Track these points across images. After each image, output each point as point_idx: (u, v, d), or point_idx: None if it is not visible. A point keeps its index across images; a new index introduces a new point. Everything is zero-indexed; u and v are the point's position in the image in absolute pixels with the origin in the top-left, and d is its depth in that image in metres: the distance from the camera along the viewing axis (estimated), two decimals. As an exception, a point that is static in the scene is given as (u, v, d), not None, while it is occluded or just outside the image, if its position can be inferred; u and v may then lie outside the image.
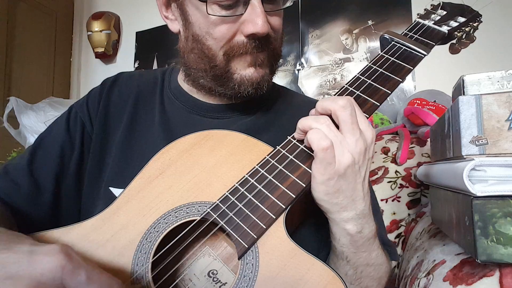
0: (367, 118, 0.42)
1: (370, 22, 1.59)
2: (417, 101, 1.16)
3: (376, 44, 1.58)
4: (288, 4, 0.50)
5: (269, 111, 0.59)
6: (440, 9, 0.58)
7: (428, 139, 0.91)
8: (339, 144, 0.38)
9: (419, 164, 0.87)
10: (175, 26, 0.55)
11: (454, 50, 0.58)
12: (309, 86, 1.69)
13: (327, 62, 1.66)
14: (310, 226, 0.51)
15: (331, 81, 1.65)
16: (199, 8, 0.47)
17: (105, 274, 0.29)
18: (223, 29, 0.47)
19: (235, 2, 0.45)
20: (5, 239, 0.30)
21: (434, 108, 1.10)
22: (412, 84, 1.50)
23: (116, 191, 0.50)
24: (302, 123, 0.41)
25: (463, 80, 0.45)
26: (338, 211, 0.40)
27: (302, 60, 1.71)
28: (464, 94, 0.44)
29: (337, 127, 0.39)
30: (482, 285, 0.39)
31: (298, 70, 1.71)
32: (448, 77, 0.89)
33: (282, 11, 0.52)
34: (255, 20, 0.45)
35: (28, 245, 0.29)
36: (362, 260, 0.44)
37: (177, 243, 0.39)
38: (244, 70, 0.50)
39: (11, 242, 0.29)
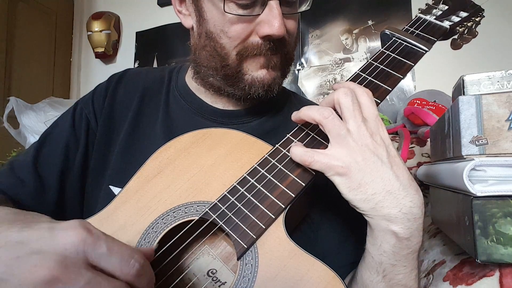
0: None
1: (370, 22, 1.59)
2: (417, 101, 1.16)
3: (376, 44, 1.58)
4: (304, 8, 0.50)
5: (277, 117, 0.58)
6: (442, 3, 0.58)
7: (428, 139, 0.91)
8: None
9: (419, 164, 0.86)
10: (188, 21, 0.54)
11: (456, 46, 0.58)
12: (309, 86, 1.68)
13: (327, 62, 1.66)
14: (311, 226, 0.51)
15: (331, 81, 1.64)
16: (216, 5, 0.47)
17: (126, 246, 0.29)
18: (239, 28, 0.46)
19: (252, 1, 0.45)
20: (22, 218, 0.30)
21: (434, 108, 1.10)
22: (412, 84, 1.50)
23: (116, 189, 0.50)
24: (306, 113, 0.40)
25: (463, 80, 0.44)
26: (374, 207, 0.36)
27: (302, 60, 1.70)
28: (464, 94, 0.44)
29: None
30: (482, 285, 0.39)
31: (298, 70, 1.71)
32: (448, 77, 0.88)
33: (298, 15, 0.51)
34: (271, 21, 0.44)
35: (46, 222, 0.29)
36: (400, 278, 0.38)
37: (176, 243, 0.39)
38: (256, 72, 0.49)
39: (29, 221, 0.29)
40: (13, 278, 0.25)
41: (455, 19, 0.56)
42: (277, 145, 0.43)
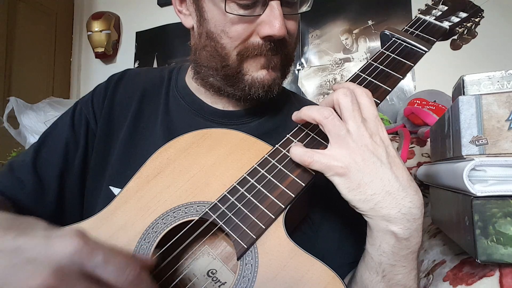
0: None
1: (370, 22, 1.59)
2: (417, 101, 1.16)
3: (376, 44, 1.58)
4: (305, 9, 0.50)
5: (276, 117, 0.58)
6: (441, 4, 0.58)
7: (428, 139, 0.91)
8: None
9: (419, 164, 0.86)
10: (188, 21, 0.54)
11: (455, 46, 0.58)
12: (309, 86, 1.68)
13: (327, 62, 1.66)
14: (311, 226, 0.51)
15: (331, 81, 1.64)
16: (217, 5, 0.46)
17: (121, 256, 0.29)
18: (240, 28, 0.46)
19: (253, 2, 0.45)
20: (18, 224, 0.30)
21: (434, 108, 1.10)
22: (412, 84, 1.50)
23: (116, 190, 0.50)
24: (307, 113, 0.40)
25: (463, 80, 0.44)
26: (373, 208, 0.36)
27: (302, 60, 1.70)
28: (464, 94, 0.44)
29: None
30: (482, 285, 0.39)
31: (298, 70, 1.71)
32: (448, 77, 0.88)
33: (299, 15, 0.51)
34: (272, 22, 0.44)
35: (42, 229, 0.29)
36: (399, 278, 0.38)
37: (176, 243, 0.39)
38: (256, 72, 0.49)
39: (25, 227, 0.29)
40: (8, 287, 0.24)
41: (455, 19, 0.56)
42: (277, 145, 0.43)
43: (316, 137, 0.43)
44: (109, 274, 0.28)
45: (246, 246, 0.37)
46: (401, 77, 0.46)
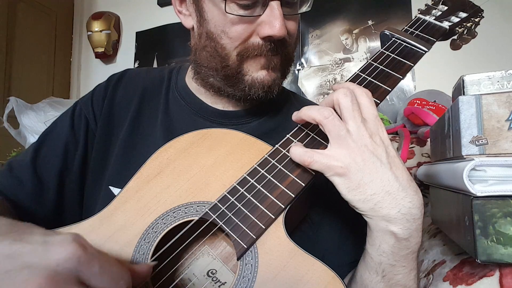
0: None
1: (370, 22, 1.59)
2: (417, 101, 1.16)
3: (376, 44, 1.58)
4: (305, 9, 0.50)
5: (276, 117, 0.58)
6: (441, 4, 0.58)
7: (428, 139, 0.91)
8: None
9: (419, 164, 0.86)
10: (188, 21, 0.54)
11: (455, 46, 0.58)
12: (309, 86, 1.68)
13: (327, 62, 1.66)
14: (311, 226, 0.51)
15: (331, 81, 1.64)
16: (217, 5, 0.46)
17: (116, 266, 0.29)
18: (240, 29, 0.46)
19: (253, 2, 0.45)
20: (16, 230, 0.29)
21: (434, 108, 1.10)
22: (412, 84, 1.50)
23: (115, 190, 0.50)
24: (307, 113, 0.40)
25: (463, 80, 0.44)
26: (373, 208, 0.36)
27: (302, 60, 1.70)
28: (464, 94, 0.44)
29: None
30: (482, 285, 0.39)
31: (298, 70, 1.71)
32: (448, 77, 0.88)
33: (299, 16, 0.51)
34: (272, 22, 0.44)
35: (40, 235, 0.28)
36: (399, 278, 0.38)
37: (176, 243, 0.38)
38: (256, 72, 0.49)
39: (23, 232, 0.29)
40: None
41: (455, 19, 0.56)
42: (277, 145, 0.43)
43: (316, 137, 0.43)
44: (103, 285, 0.27)
45: (246, 246, 0.37)
46: (401, 77, 0.46)
